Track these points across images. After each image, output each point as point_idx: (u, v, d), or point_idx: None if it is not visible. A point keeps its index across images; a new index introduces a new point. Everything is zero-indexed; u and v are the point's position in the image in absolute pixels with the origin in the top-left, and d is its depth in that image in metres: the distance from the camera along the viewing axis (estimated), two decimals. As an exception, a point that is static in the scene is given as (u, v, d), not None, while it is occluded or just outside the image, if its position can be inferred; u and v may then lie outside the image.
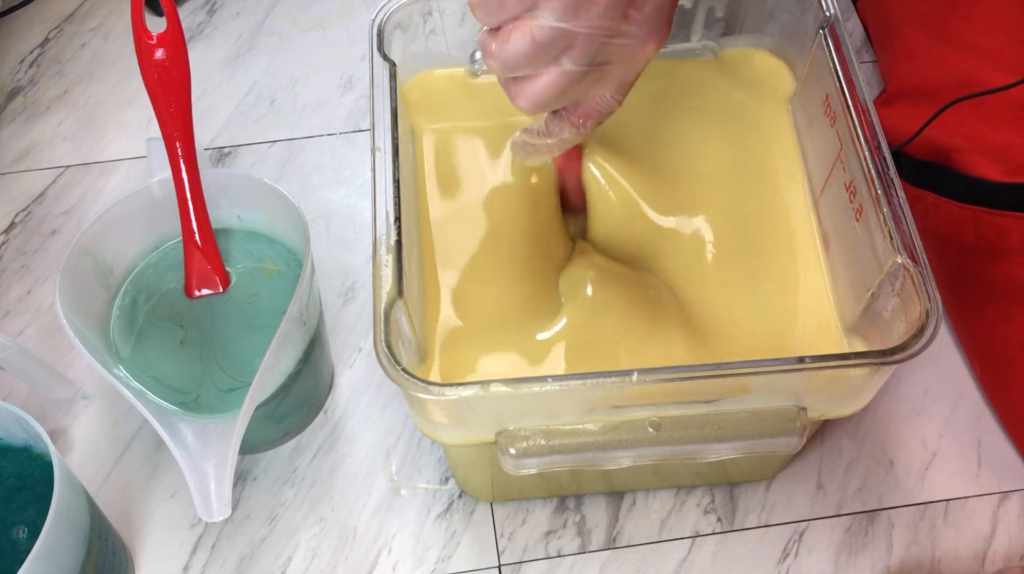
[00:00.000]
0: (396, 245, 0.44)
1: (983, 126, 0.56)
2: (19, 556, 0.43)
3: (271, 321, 0.52)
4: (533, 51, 0.40)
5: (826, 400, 0.45)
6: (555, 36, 0.39)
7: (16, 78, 0.73)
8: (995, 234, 0.54)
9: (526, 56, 0.40)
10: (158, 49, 0.49)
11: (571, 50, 0.40)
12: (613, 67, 0.42)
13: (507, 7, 0.40)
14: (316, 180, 0.67)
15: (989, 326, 0.56)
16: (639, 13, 0.40)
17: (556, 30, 0.39)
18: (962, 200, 0.56)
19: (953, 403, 0.58)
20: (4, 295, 0.62)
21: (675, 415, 0.44)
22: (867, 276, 0.47)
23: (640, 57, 0.42)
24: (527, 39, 0.40)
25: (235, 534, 0.54)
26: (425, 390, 0.41)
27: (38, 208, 0.66)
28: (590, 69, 0.41)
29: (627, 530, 0.54)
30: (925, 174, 0.59)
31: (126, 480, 0.56)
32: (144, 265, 0.55)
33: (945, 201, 0.57)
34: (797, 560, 0.53)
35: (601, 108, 0.45)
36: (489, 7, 0.40)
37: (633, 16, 0.40)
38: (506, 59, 0.41)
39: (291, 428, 0.57)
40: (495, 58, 0.41)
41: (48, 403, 0.58)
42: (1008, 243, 0.54)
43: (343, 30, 0.75)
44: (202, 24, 0.76)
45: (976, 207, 0.55)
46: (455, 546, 0.54)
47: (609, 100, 0.44)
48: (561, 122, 0.46)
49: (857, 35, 0.74)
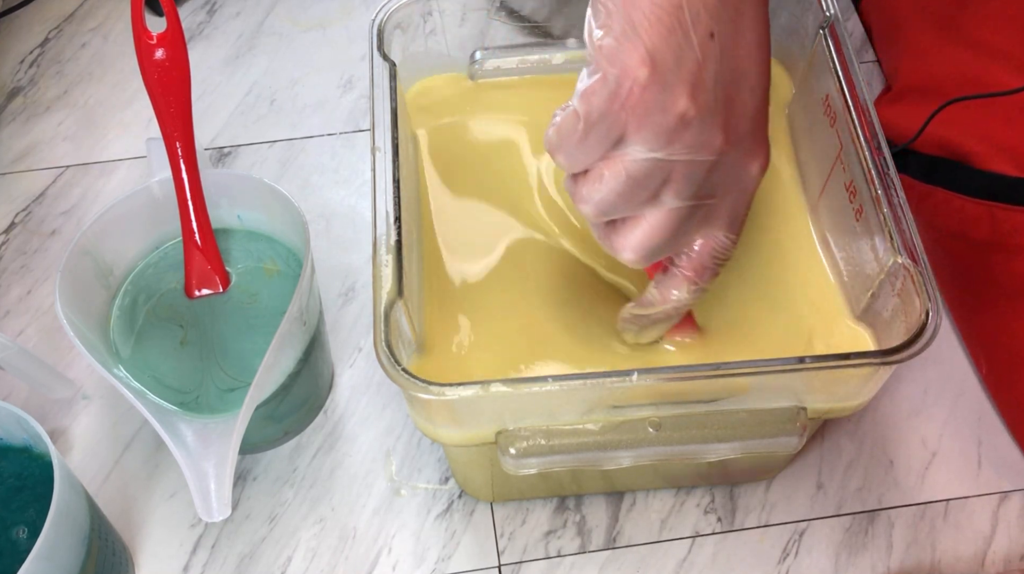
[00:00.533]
0: (396, 245, 0.44)
1: (993, 123, 0.56)
2: (19, 556, 0.43)
3: (271, 321, 0.52)
4: (629, 189, 0.37)
5: (826, 400, 0.45)
6: (651, 169, 0.36)
7: (16, 78, 0.73)
8: (1011, 230, 0.54)
9: (622, 196, 0.37)
10: (158, 49, 0.49)
11: (671, 183, 0.37)
12: (720, 199, 0.39)
13: (590, 146, 0.37)
14: (316, 180, 0.67)
15: (998, 323, 0.56)
16: (735, 130, 0.37)
17: (651, 162, 0.36)
18: (977, 196, 0.55)
19: (953, 403, 0.58)
20: (4, 295, 0.62)
21: (675, 415, 0.44)
22: (867, 276, 0.47)
23: (747, 181, 0.39)
24: (620, 177, 0.37)
25: (235, 534, 0.54)
26: (425, 390, 0.41)
27: (38, 208, 0.66)
28: (696, 204, 0.38)
29: (627, 530, 0.54)
30: (936, 170, 0.58)
31: (126, 480, 0.56)
32: (144, 265, 0.55)
33: (958, 197, 0.56)
34: (797, 560, 0.53)
35: (717, 252, 0.41)
36: (570, 150, 0.37)
37: (731, 134, 0.37)
38: (600, 202, 0.38)
39: (291, 428, 0.57)
40: (587, 203, 0.38)
41: (48, 403, 0.58)
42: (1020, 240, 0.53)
43: (343, 30, 0.75)
44: (202, 24, 0.76)
45: (992, 203, 0.54)
46: (455, 546, 0.54)
47: (723, 240, 0.40)
48: (674, 280, 0.42)
49: (857, 35, 0.74)
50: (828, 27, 0.51)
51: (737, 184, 0.39)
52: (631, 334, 0.46)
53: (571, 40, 0.55)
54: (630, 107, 0.35)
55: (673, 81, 0.35)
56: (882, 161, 0.47)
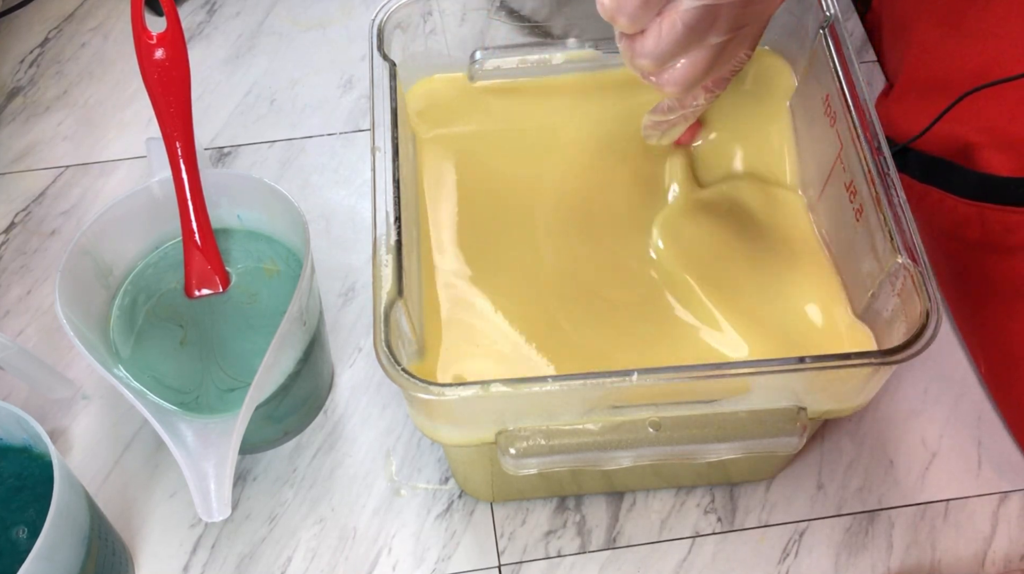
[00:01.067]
0: (396, 245, 0.44)
1: (999, 117, 0.55)
2: (19, 556, 0.43)
3: (271, 321, 0.52)
4: (685, 37, 0.41)
5: (826, 400, 0.45)
6: (702, 15, 0.40)
7: (16, 78, 0.73)
8: (1003, 230, 0.54)
9: (679, 44, 0.41)
10: (158, 49, 0.49)
11: (716, 23, 0.41)
12: (750, 27, 0.44)
13: (652, 4, 0.40)
14: (316, 180, 0.67)
15: (995, 323, 0.56)
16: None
17: (702, 9, 0.40)
18: (968, 196, 0.56)
19: (953, 403, 0.58)
20: (4, 295, 0.62)
21: (675, 415, 0.44)
22: (867, 276, 0.47)
23: (771, 9, 0.44)
24: (676, 28, 0.40)
25: (235, 534, 0.54)
26: (425, 390, 0.41)
27: (38, 208, 0.66)
28: (732, 36, 0.42)
29: (627, 530, 0.54)
30: (932, 170, 0.58)
31: (126, 480, 0.56)
32: (144, 265, 0.55)
33: (950, 197, 0.57)
34: (797, 560, 0.53)
35: (736, 67, 0.46)
36: (634, 10, 0.40)
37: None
38: (661, 53, 0.41)
39: (291, 428, 0.57)
40: (648, 56, 0.42)
41: (48, 403, 0.58)
42: (1015, 239, 0.53)
43: (343, 30, 0.75)
44: (202, 24, 0.76)
45: (982, 203, 0.55)
46: (455, 546, 0.54)
47: (743, 58, 0.46)
48: (695, 91, 0.47)
49: (857, 35, 0.74)
50: (828, 27, 0.51)
51: (764, 13, 0.44)
52: (655, 137, 0.52)
53: (571, 40, 0.55)
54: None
55: None
56: (882, 161, 0.47)
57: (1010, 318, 0.54)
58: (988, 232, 0.55)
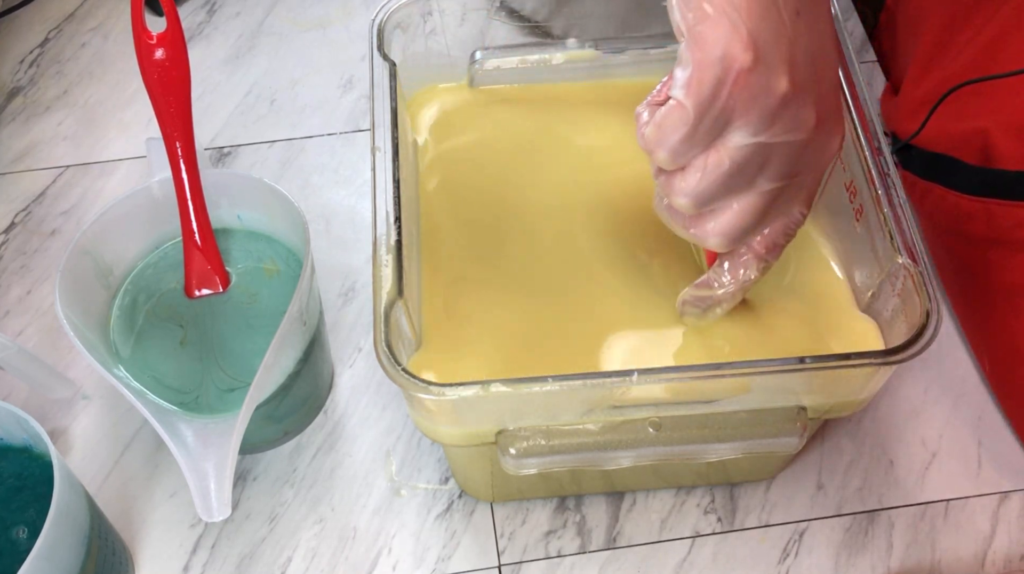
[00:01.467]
0: (396, 245, 0.44)
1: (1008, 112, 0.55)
2: (19, 556, 0.43)
3: (271, 321, 0.52)
4: (731, 177, 0.37)
5: (826, 400, 0.45)
6: (752, 154, 0.36)
7: (16, 78, 0.73)
8: (1010, 225, 0.53)
9: (725, 184, 0.37)
10: (158, 49, 0.49)
11: (768, 167, 0.37)
12: (803, 176, 0.39)
13: (698, 138, 0.36)
14: (316, 180, 0.67)
15: (999, 320, 0.56)
16: (824, 107, 0.37)
17: (753, 147, 0.36)
18: (973, 192, 0.55)
19: (953, 403, 0.58)
20: (4, 295, 0.62)
21: (675, 415, 0.44)
22: (867, 276, 0.47)
23: (828, 156, 0.39)
24: (723, 166, 0.36)
25: (235, 534, 0.54)
26: (425, 390, 0.41)
27: (38, 208, 0.66)
28: (785, 184, 0.38)
29: (627, 530, 0.54)
30: (935, 167, 0.57)
31: (126, 480, 0.56)
32: (144, 265, 0.55)
33: (953, 194, 0.56)
34: (797, 560, 0.53)
35: (789, 228, 0.41)
36: (675, 145, 0.36)
37: (820, 110, 0.37)
38: (702, 193, 0.37)
39: (291, 428, 0.57)
40: (688, 195, 0.37)
41: (48, 403, 0.58)
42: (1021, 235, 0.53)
43: (343, 30, 0.75)
44: (202, 24, 0.76)
45: (988, 199, 0.54)
46: (455, 546, 0.54)
47: (797, 216, 0.41)
48: (744, 259, 0.42)
49: (857, 35, 0.74)
50: (828, 27, 0.51)
51: (819, 160, 0.39)
52: (693, 317, 0.46)
53: (571, 40, 0.55)
54: (737, 92, 0.35)
55: (774, 62, 0.35)
56: (882, 161, 0.47)
57: (1015, 314, 0.54)
58: (995, 227, 0.54)
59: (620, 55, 0.55)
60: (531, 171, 0.54)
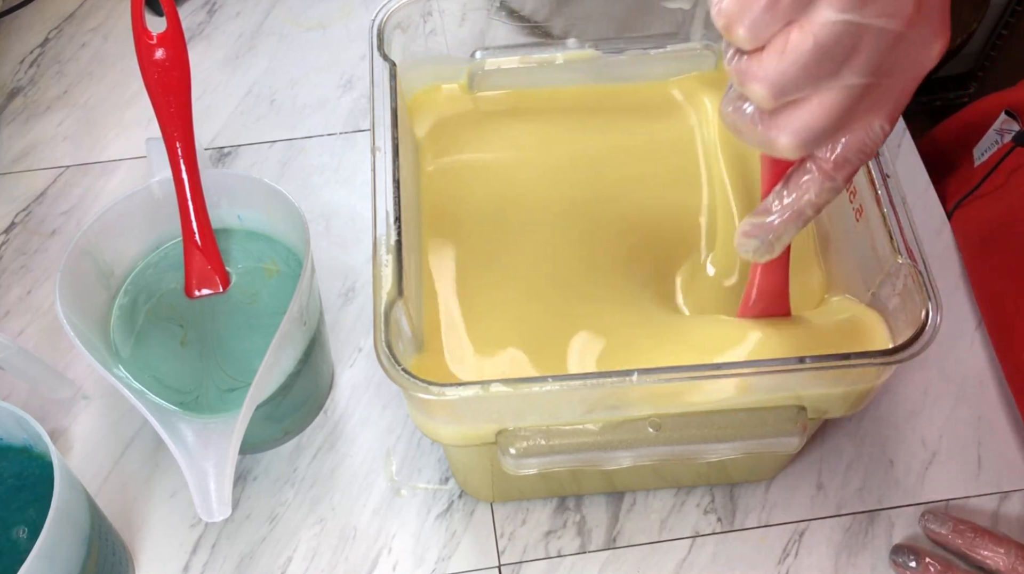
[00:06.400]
0: (396, 245, 0.44)
1: None
2: (19, 556, 0.43)
3: (271, 321, 0.52)
4: (815, 59, 0.33)
5: (826, 400, 0.45)
6: (841, 35, 0.32)
7: (16, 78, 0.73)
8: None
9: (806, 68, 0.33)
10: (158, 49, 0.49)
11: (856, 56, 0.33)
12: (894, 80, 0.35)
13: (781, 9, 0.32)
14: (316, 180, 0.67)
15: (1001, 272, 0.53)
16: (927, 2, 0.33)
17: (843, 25, 0.32)
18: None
19: (953, 403, 0.58)
20: (4, 295, 0.62)
21: (675, 415, 0.44)
22: (868, 276, 0.47)
23: (924, 62, 0.35)
24: (807, 45, 0.32)
25: (235, 534, 0.54)
26: (425, 390, 0.41)
27: (38, 208, 0.66)
28: (872, 83, 0.34)
29: (627, 530, 0.54)
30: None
31: (126, 480, 0.56)
32: (144, 265, 0.55)
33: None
34: (797, 560, 0.53)
35: (866, 144, 0.36)
36: (756, 16, 0.33)
37: (923, 5, 0.33)
38: (781, 77, 0.33)
39: (291, 428, 0.57)
40: (763, 80, 0.33)
41: (48, 403, 0.58)
42: None
43: (343, 30, 0.75)
44: (202, 24, 0.76)
45: None
46: (455, 546, 0.54)
47: (877, 131, 0.36)
48: (809, 177, 0.37)
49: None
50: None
51: (914, 64, 0.35)
52: (752, 250, 0.40)
53: (571, 40, 0.55)
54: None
55: None
56: (883, 161, 0.47)
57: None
58: None
59: (620, 55, 0.55)
60: (531, 172, 0.54)
